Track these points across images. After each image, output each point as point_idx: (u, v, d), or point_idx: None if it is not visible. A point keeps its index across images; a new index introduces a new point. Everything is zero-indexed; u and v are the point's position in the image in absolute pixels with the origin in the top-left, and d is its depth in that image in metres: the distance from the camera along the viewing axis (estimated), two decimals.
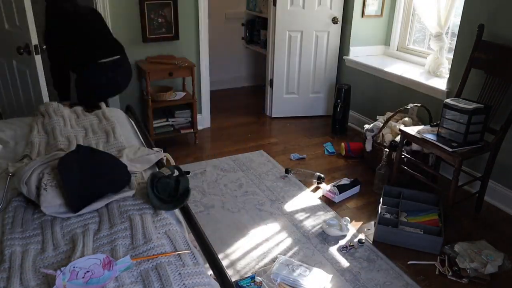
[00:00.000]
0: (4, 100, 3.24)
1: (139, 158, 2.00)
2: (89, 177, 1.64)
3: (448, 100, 2.63)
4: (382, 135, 3.22)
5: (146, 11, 3.47)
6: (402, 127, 2.91)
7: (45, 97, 2.80)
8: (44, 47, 2.80)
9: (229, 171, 3.32)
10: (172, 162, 2.15)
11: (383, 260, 2.39)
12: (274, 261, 2.32)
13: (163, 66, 3.46)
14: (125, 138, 2.28)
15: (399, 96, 3.65)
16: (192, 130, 3.76)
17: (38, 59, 2.65)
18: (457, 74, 3.06)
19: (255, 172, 3.31)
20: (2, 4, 2.80)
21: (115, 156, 1.85)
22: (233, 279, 2.11)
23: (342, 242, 2.53)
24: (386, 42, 4.20)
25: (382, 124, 3.25)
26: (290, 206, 2.88)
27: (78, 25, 2.86)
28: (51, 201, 1.56)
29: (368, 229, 2.67)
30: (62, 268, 1.30)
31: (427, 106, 3.21)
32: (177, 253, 1.40)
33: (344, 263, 2.36)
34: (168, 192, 1.69)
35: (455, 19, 3.43)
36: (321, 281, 2.18)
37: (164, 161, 2.08)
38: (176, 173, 1.82)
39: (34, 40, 2.58)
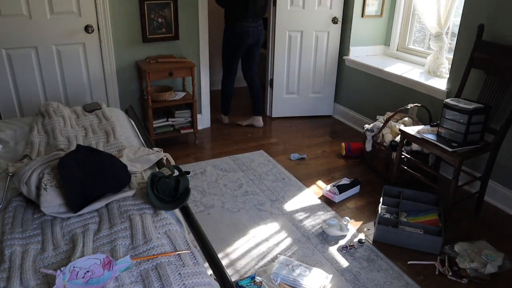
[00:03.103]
0: (12, 95, 3.26)
1: (139, 158, 2.00)
2: (89, 177, 1.64)
3: (448, 100, 2.63)
4: (382, 135, 3.22)
5: (146, 11, 3.47)
6: (402, 127, 2.91)
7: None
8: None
9: (229, 171, 3.32)
10: (172, 162, 2.14)
11: (383, 260, 2.39)
12: (274, 261, 2.32)
13: (163, 66, 3.46)
14: (125, 138, 2.29)
15: (399, 96, 3.65)
16: (192, 130, 3.76)
17: (96, 36, 3.37)
18: (457, 74, 3.06)
19: (255, 172, 3.31)
20: None
21: (115, 156, 1.85)
22: (233, 279, 2.11)
23: (342, 242, 2.53)
24: (386, 42, 4.21)
25: (382, 124, 3.25)
26: (290, 206, 2.88)
27: None
28: (51, 201, 1.56)
29: (368, 229, 2.67)
30: (62, 268, 1.30)
31: (427, 106, 3.21)
32: (177, 253, 1.40)
33: (344, 263, 2.36)
34: (168, 192, 1.69)
35: (455, 19, 3.43)
36: (321, 281, 2.18)
37: (164, 161, 2.09)
38: (176, 173, 1.82)
39: (94, 21, 3.32)
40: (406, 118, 3.33)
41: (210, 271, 1.46)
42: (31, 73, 3.25)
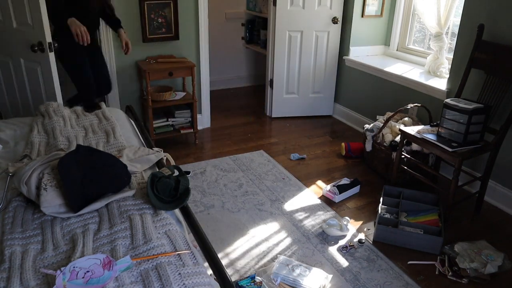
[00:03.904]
0: (6, 99, 3.23)
1: (139, 158, 2.00)
2: (89, 177, 1.64)
3: (448, 100, 2.63)
4: (382, 135, 3.22)
5: (146, 11, 3.47)
6: (402, 127, 2.91)
7: (58, 94, 2.86)
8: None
9: (229, 171, 3.32)
10: (172, 162, 2.14)
11: (383, 260, 2.39)
12: (274, 261, 2.32)
13: (163, 66, 3.46)
14: (125, 138, 2.29)
15: (399, 96, 3.65)
16: (192, 130, 3.76)
17: (51, 56, 2.72)
18: (457, 74, 3.06)
19: (255, 172, 3.31)
20: (11, 3, 2.79)
21: (115, 156, 1.85)
22: (233, 279, 2.12)
23: (342, 242, 2.53)
24: (386, 42, 4.21)
25: (382, 124, 3.25)
26: (290, 206, 2.88)
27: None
28: (51, 201, 1.56)
29: (368, 229, 2.67)
30: (62, 268, 1.30)
31: (427, 106, 3.21)
32: (177, 253, 1.40)
33: (344, 263, 2.36)
34: (168, 192, 1.69)
35: (455, 19, 3.43)
36: (321, 281, 2.18)
37: (164, 161, 2.09)
38: (176, 173, 1.82)
39: (48, 38, 2.65)
40: (406, 118, 3.33)
41: (210, 271, 1.46)
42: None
